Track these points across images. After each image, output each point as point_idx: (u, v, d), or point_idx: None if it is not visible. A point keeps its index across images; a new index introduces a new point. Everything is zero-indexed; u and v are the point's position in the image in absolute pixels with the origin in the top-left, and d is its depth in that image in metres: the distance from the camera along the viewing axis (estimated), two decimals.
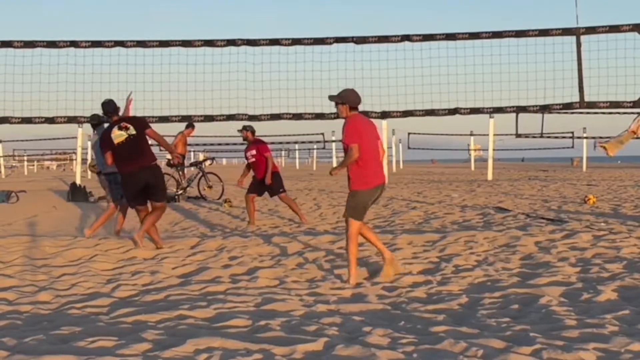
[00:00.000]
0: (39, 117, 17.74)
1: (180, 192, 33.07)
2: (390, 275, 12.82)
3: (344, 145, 12.47)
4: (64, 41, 17.56)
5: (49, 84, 17.83)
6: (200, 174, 33.85)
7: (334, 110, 11.73)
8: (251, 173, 22.41)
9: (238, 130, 21.01)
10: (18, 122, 17.80)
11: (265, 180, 21.82)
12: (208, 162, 36.61)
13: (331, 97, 12.46)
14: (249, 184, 22.09)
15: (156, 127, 15.60)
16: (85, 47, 17.56)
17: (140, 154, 15.98)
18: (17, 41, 17.54)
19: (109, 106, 15.62)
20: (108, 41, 17.61)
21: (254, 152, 21.88)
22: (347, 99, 12.45)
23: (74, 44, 17.54)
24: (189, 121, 22.22)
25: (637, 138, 18.31)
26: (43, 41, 17.55)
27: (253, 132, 21.05)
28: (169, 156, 26.42)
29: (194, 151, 62.52)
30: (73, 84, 17.73)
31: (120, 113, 15.96)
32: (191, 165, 34.62)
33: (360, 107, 12.36)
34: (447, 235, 17.29)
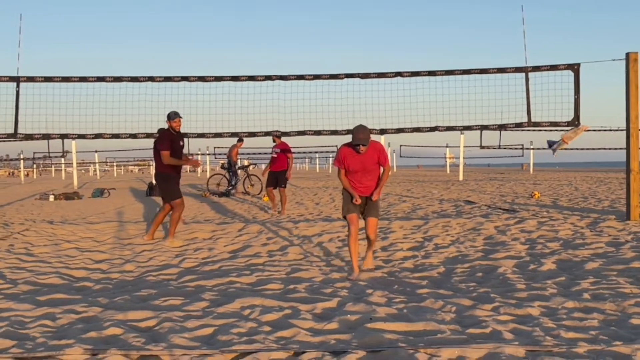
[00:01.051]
0: (124, 133, 17.72)
1: (229, 188, 33.26)
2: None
3: (370, 166, 10.71)
4: (143, 77, 17.55)
5: (132, 109, 17.80)
6: (246, 175, 34.22)
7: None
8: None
9: (270, 134, 21.16)
10: (109, 137, 17.79)
11: (278, 173, 22.36)
12: (252, 167, 36.71)
13: (366, 140, 10.44)
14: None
15: (212, 141, 15.37)
16: (160, 81, 17.56)
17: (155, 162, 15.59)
18: (109, 77, 17.54)
19: (168, 114, 15.00)
20: (176, 77, 17.61)
21: (278, 150, 22.35)
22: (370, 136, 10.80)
23: (151, 79, 17.53)
24: (238, 136, 22.22)
25: (566, 147, 18.45)
26: (128, 77, 17.54)
27: (279, 136, 21.27)
28: (222, 160, 26.00)
29: (240, 159, 62.48)
30: (150, 108, 17.71)
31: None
32: (239, 168, 34.72)
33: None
34: (429, 221, 17.27)
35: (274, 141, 22.16)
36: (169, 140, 14.48)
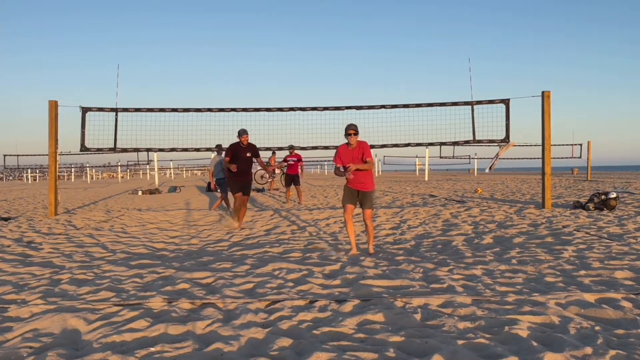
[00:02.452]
0: (191, 148, 17.75)
1: (270, 180, 33.66)
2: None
3: (357, 159, 9.80)
4: (205, 108, 17.58)
5: (196, 131, 17.87)
6: (282, 173, 34.59)
7: (346, 142, 10.66)
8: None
9: (287, 148, 21.24)
10: (181, 151, 17.82)
11: (293, 176, 22.69)
12: (278, 171, 36.95)
13: (355, 130, 9.80)
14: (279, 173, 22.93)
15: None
16: (216, 111, 17.56)
17: None
18: (180, 108, 17.58)
19: (238, 131, 14.75)
20: (227, 108, 17.64)
21: (295, 159, 22.71)
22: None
23: (210, 109, 17.56)
24: (271, 150, 22.35)
25: (501, 159, 18.50)
26: (193, 108, 17.58)
27: (294, 148, 21.36)
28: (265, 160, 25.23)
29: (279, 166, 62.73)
30: (209, 130, 17.74)
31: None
32: (277, 168, 35.14)
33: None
34: (404, 209, 17.27)
35: (290, 152, 22.49)
36: (232, 151, 14.17)
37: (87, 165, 74.94)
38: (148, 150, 18.31)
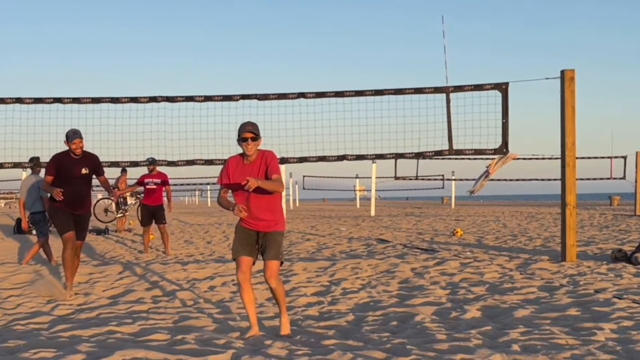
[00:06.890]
0: None
1: (120, 215, 33.17)
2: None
3: (262, 176, 9.53)
4: (11, 98, 17.37)
5: None
6: (139, 203, 34.09)
7: (240, 152, 10.23)
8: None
9: (146, 163, 20.92)
10: None
11: (154, 208, 22.34)
12: (132, 200, 36.60)
13: (255, 133, 9.61)
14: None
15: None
16: (29, 103, 17.39)
17: None
18: None
19: (66, 134, 14.03)
20: (48, 98, 17.41)
21: (158, 180, 22.19)
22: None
23: (19, 100, 17.35)
24: (120, 166, 22.10)
25: (492, 179, 18.73)
26: None
27: (156, 164, 20.99)
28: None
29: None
30: (19, 134, 17.51)
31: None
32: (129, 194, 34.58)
33: None
34: (337, 263, 17.33)
35: (150, 170, 22.01)
36: (56, 165, 13.69)
37: None
38: None
